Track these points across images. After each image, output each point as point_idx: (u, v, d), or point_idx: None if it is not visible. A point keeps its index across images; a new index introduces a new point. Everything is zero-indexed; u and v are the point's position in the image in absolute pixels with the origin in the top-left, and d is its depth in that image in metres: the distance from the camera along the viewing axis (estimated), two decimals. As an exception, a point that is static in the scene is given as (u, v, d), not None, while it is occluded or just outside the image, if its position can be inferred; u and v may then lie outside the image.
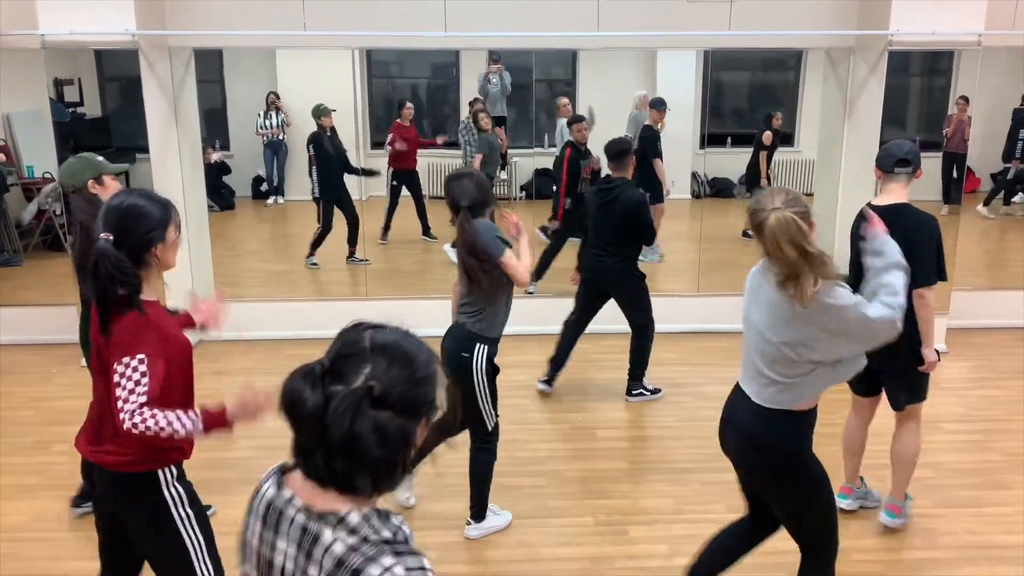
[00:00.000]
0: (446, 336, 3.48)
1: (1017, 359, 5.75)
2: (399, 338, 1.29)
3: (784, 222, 2.29)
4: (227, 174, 9.15)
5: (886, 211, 3.19)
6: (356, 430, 1.19)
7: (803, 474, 2.56)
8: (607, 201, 4.81)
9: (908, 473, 3.58)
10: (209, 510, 3.66)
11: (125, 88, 5.99)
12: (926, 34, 5.37)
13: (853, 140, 6.03)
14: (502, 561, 3.44)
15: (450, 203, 3.39)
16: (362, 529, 1.22)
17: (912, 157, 3.35)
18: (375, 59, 9.84)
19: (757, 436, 2.56)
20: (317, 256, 7.37)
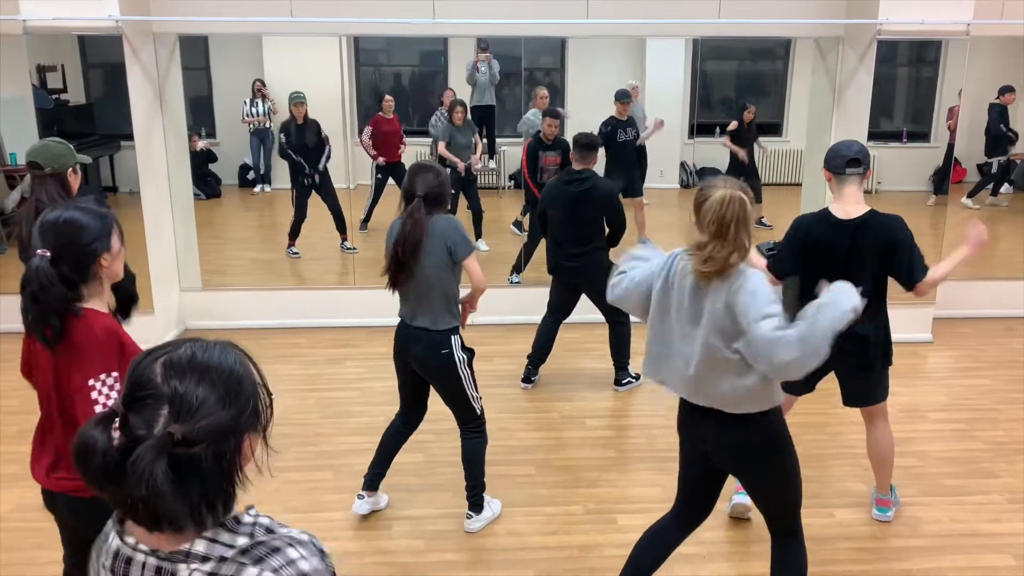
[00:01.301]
0: (408, 343, 3.39)
1: (1002, 349, 5.79)
2: (198, 354, 1.15)
3: (732, 198, 2.33)
4: (213, 162, 9.08)
5: (856, 227, 3.16)
6: (159, 482, 1.06)
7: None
8: (579, 193, 4.72)
9: (890, 467, 3.59)
10: None
11: (109, 75, 5.91)
12: (915, 23, 5.37)
13: (842, 130, 6.03)
14: (491, 549, 3.44)
15: (405, 192, 3.29)
16: (214, 552, 1.13)
17: (863, 156, 3.22)
18: (363, 47, 9.77)
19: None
20: (298, 245, 7.34)
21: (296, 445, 4.34)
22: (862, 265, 3.16)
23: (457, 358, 3.36)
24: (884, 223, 3.19)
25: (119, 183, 7.33)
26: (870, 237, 3.16)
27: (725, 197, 2.33)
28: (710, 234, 2.33)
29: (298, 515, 3.68)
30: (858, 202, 3.22)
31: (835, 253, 3.16)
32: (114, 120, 6.01)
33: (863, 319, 3.20)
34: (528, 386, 5.07)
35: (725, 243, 2.33)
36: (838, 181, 3.24)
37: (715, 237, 2.33)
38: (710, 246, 2.34)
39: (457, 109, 7.51)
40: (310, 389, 4.98)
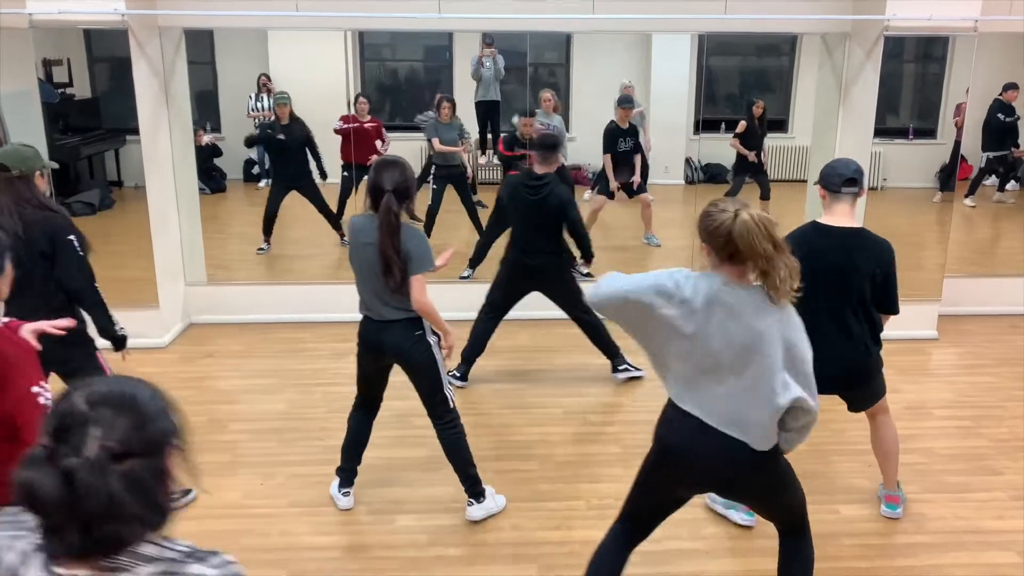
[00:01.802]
0: (381, 333, 3.40)
1: (1008, 346, 5.78)
2: (113, 386, 1.27)
3: (762, 216, 2.24)
4: (218, 156, 9.08)
5: (845, 234, 3.15)
6: (111, 492, 1.16)
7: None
8: (538, 199, 4.67)
9: (897, 461, 3.60)
10: (189, 495, 3.68)
11: (115, 69, 5.92)
12: (922, 19, 5.35)
13: (848, 126, 6.02)
14: (493, 544, 3.45)
15: (372, 187, 3.26)
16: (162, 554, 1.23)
17: (859, 176, 3.20)
18: (367, 41, 9.76)
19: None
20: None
21: (301, 440, 4.35)
22: (851, 276, 3.15)
23: (432, 343, 3.42)
24: (878, 241, 3.21)
25: (124, 177, 7.34)
26: (860, 250, 3.16)
27: (754, 217, 2.22)
28: (768, 254, 2.20)
29: (303, 509, 3.69)
30: (850, 220, 3.21)
31: (829, 260, 3.13)
32: (119, 114, 6.01)
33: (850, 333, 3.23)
34: (464, 384, 4.98)
35: (788, 255, 2.24)
36: (832, 198, 3.22)
37: (776, 252, 2.22)
38: (779, 266, 2.21)
39: (444, 105, 7.50)
40: (315, 384, 4.99)
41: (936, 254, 6.12)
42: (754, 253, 2.21)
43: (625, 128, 7.47)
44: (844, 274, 3.14)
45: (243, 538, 3.47)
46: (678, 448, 2.47)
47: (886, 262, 3.20)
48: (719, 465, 2.43)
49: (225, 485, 3.90)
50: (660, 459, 2.55)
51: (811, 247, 3.09)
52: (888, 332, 5.79)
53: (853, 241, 3.16)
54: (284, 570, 3.27)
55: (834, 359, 3.12)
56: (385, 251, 3.21)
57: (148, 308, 5.65)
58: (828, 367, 3.16)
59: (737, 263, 2.28)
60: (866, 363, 3.31)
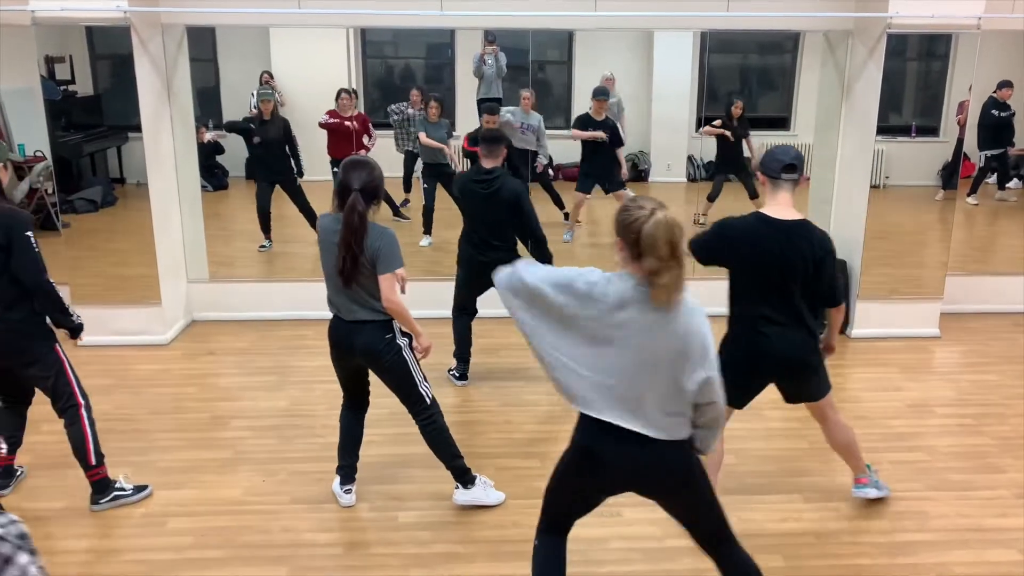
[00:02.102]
0: (351, 336, 3.41)
1: (1010, 344, 5.77)
2: None
3: (673, 219, 2.25)
4: (220, 154, 9.07)
5: (792, 228, 3.16)
6: None
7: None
8: (489, 193, 4.64)
9: (857, 451, 3.59)
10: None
11: (117, 66, 5.91)
12: (925, 17, 5.34)
13: (850, 124, 6.02)
14: (495, 541, 3.45)
15: (340, 187, 3.25)
16: None
17: (799, 163, 3.22)
18: (370, 39, 9.75)
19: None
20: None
21: (303, 436, 4.36)
22: (795, 268, 3.14)
23: (402, 343, 3.43)
24: (820, 234, 3.21)
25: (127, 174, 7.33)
26: (805, 242, 3.16)
27: (667, 218, 2.24)
28: (664, 257, 2.22)
29: (305, 505, 3.70)
30: (791, 208, 3.21)
31: (769, 253, 3.13)
32: (122, 111, 6.00)
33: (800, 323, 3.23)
34: (465, 383, 5.01)
35: (679, 266, 2.24)
36: (773, 186, 3.23)
37: (671, 258, 2.23)
38: (667, 273, 2.22)
39: (431, 105, 7.54)
40: (317, 381, 4.99)
41: (938, 252, 6.12)
42: (652, 252, 2.22)
43: (599, 120, 7.47)
44: (789, 264, 3.14)
45: (245, 535, 3.47)
46: (598, 452, 2.42)
47: (828, 252, 3.21)
48: (639, 466, 2.41)
49: (227, 482, 3.91)
50: (579, 464, 2.50)
51: (757, 237, 3.13)
52: (890, 330, 5.86)
53: (798, 232, 3.16)
54: (286, 567, 3.27)
55: (780, 347, 3.19)
56: (344, 247, 3.22)
57: (150, 305, 5.65)
58: (774, 354, 3.20)
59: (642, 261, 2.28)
60: (812, 351, 3.29)
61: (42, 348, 3.54)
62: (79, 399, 3.62)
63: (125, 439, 4.32)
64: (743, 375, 3.25)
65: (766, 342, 3.21)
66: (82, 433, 3.61)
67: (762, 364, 3.26)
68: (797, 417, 4.61)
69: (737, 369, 3.28)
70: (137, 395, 4.88)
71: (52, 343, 3.58)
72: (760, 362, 3.25)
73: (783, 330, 3.20)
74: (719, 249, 3.24)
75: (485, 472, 3.84)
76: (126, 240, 5.85)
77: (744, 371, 3.25)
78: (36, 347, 3.53)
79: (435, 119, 7.51)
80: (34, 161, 7.39)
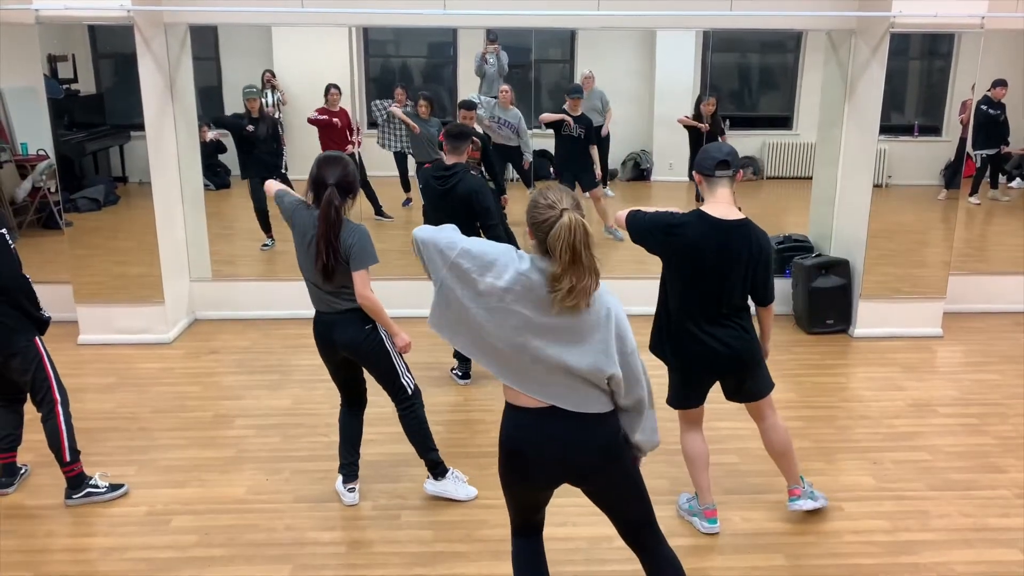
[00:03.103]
0: (332, 330, 3.44)
1: (1013, 343, 5.77)
2: None
3: (578, 224, 2.17)
4: (222, 152, 9.05)
5: (732, 225, 3.13)
6: None
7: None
8: (446, 189, 4.59)
9: (793, 457, 3.53)
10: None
11: (119, 65, 5.91)
12: (928, 16, 5.34)
13: (853, 123, 6.02)
14: (498, 540, 3.45)
15: (314, 182, 3.28)
16: None
17: (732, 159, 3.18)
18: (372, 38, 9.74)
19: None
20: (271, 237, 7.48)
21: (306, 435, 4.36)
22: (733, 267, 3.14)
23: (381, 333, 3.47)
24: (760, 233, 3.20)
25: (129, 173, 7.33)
26: (744, 242, 3.15)
27: (571, 223, 2.16)
28: (565, 263, 2.17)
29: (308, 504, 3.70)
30: (731, 205, 3.18)
31: (707, 252, 3.12)
32: (124, 110, 6.01)
33: (738, 320, 3.23)
34: (467, 381, 5.02)
35: (583, 270, 2.18)
36: (708, 184, 3.21)
37: (572, 264, 2.17)
38: (567, 278, 2.17)
39: (421, 103, 7.57)
40: (319, 379, 4.98)
41: (941, 252, 6.11)
42: (555, 254, 2.18)
43: (574, 116, 7.50)
44: (728, 265, 3.14)
45: (248, 533, 3.48)
46: (524, 445, 2.39)
47: (767, 253, 3.21)
48: (569, 451, 2.35)
49: (230, 480, 3.91)
50: (509, 464, 2.46)
51: (700, 236, 3.12)
52: (892, 330, 5.86)
53: (740, 232, 3.15)
54: (289, 565, 3.28)
55: (721, 344, 3.20)
56: (324, 242, 3.24)
57: (153, 304, 5.66)
58: (717, 352, 3.21)
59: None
60: (752, 348, 3.29)
61: (22, 340, 3.59)
62: (56, 395, 3.65)
63: (128, 437, 4.33)
64: (693, 374, 3.30)
65: (709, 340, 3.21)
66: (57, 429, 3.64)
67: (707, 362, 3.26)
68: (801, 416, 4.62)
69: (686, 370, 3.32)
70: (140, 393, 4.89)
71: (32, 336, 3.63)
72: (705, 360, 3.25)
73: (723, 328, 3.20)
74: (654, 236, 3.21)
75: (487, 471, 3.85)
76: (129, 239, 5.86)
77: (693, 370, 3.30)
78: (17, 340, 3.57)
79: (426, 116, 7.54)
80: (37, 160, 7.40)
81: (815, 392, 4.99)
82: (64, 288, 5.60)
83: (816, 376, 5.23)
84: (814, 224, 6.59)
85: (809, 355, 5.57)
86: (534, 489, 2.54)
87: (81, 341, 5.63)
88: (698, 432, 3.49)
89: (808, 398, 4.90)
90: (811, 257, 6.07)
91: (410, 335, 3.57)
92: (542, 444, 2.35)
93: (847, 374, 5.33)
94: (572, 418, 2.31)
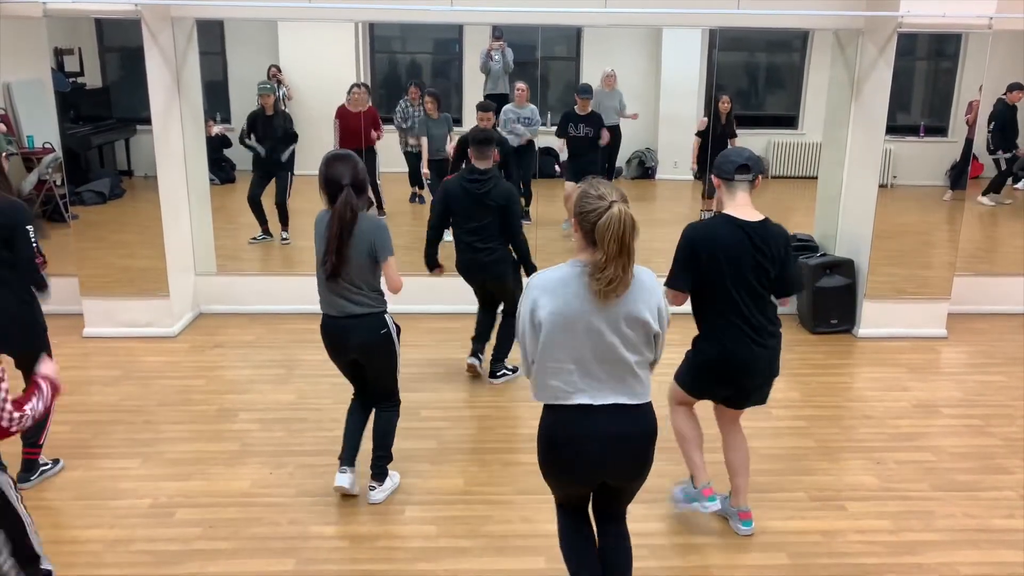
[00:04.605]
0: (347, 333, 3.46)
1: (1017, 345, 5.76)
2: None
3: (627, 215, 2.27)
4: (228, 147, 9.08)
5: (755, 227, 3.12)
6: None
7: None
8: (482, 194, 4.62)
9: (747, 474, 3.51)
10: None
11: (126, 58, 5.92)
12: (936, 16, 5.32)
13: (859, 123, 6.00)
14: (502, 536, 3.46)
15: (327, 182, 3.28)
16: None
17: (752, 163, 3.18)
18: (378, 34, 9.75)
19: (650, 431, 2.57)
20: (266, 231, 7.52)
21: (310, 430, 4.37)
22: (763, 267, 3.13)
23: (394, 335, 3.54)
24: (782, 231, 3.20)
25: (135, 167, 7.34)
26: (771, 241, 3.15)
27: (621, 214, 2.26)
28: (612, 253, 2.27)
29: (312, 498, 3.71)
30: (751, 208, 3.19)
31: (741, 254, 3.10)
32: (130, 104, 6.02)
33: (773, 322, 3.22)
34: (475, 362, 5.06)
35: (627, 261, 2.30)
36: (728, 187, 3.20)
37: (618, 256, 2.28)
38: (612, 266, 2.28)
39: (428, 100, 7.54)
40: (324, 374, 4.99)
41: (946, 253, 6.10)
42: (602, 244, 2.28)
43: (582, 115, 7.52)
44: (757, 266, 3.13)
45: (252, 527, 3.48)
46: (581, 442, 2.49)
47: (788, 242, 3.22)
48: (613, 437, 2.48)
49: (234, 474, 3.92)
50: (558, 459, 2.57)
51: (724, 240, 3.11)
52: (897, 330, 5.85)
53: (762, 232, 3.14)
54: (293, 558, 3.28)
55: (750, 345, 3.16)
56: (336, 240, 3.26)
57: (158, 297, 5.67)
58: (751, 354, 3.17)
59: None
60: (779, 350, 3.28)
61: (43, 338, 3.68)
62: None
63: (133, 430, 4.34)
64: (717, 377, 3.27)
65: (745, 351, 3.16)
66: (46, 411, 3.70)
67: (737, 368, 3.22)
68: (804, 416, 4.62)
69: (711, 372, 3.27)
70: (145, 387, 4.90)
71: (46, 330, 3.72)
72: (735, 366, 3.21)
73: (751, 328, 3.16)
74: (685, 267, 3.17)
75: (492, 467, 3.86)
76: (134, 232, 5.87)
77: (718, 374, 3.25)
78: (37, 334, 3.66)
79: (434, 115, 7.53)
80: (43, 153, 7.40)
81: (819, 392, 4.99)
82: (70, 281, 5.60)
83: (820, 376, 5.22)
84: (819, 224, 6.58)
85: (813, 355, 5.57)
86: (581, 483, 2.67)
87: (86, 334, 5.64)
88: (693, 411, 3.48)
89: (812, 398, 4.90)
90: (816, 257, 6.06)
91: (417, 332, 3.59)
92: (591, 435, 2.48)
93: (851, 374, 5.33)
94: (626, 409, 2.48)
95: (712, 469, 3.54)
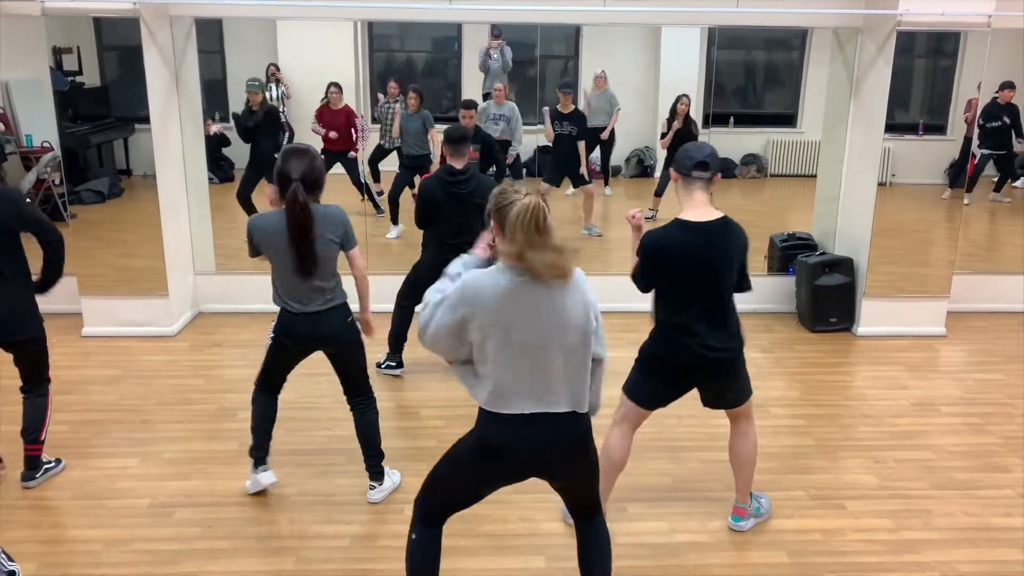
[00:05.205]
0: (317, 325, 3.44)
1: (1016, 343, 5.76)
2: None
3: (534, 207, 2.26)
4: (227, 146, 9.08)
5: (712, 228, 3.07)
6: None
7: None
8: (465, 194, 4.56)
9: (753, 473, 3.48)
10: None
11: (124, 57, 5.92)
12: (935, 15, 5.32)
13: (858, 122, 6.00)
14: (501, 535, 3.46)
15: (278, 177, 3.22)
16: None
17: (712, 160, 3.12)
18: (376, 32, 9.75)
19: (585, 440, 2.55)
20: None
21: (309, 429, 4.37)
22: (723, 267, 3.10)
23: (358, 324, 3.57)
24: (739, 229, 3.15)
25: (133, 166, 7.34)
26: (728, 240, 3.11)
27: (532, 202, 2.27)
28: (529, 240, 2.25)
29: (311, 498, 3.71)
30: (708, 207, 3.13)
31: (693, 257, 3.06)
32: (129, 103, 6.02)
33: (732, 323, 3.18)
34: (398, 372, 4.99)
35: (552, 240, 2.28)
36: (685, 183, 3.13)
37: (539, 237, 2.26)
38: (534, 252, 2.25)
39: (411, 95, 7.57)
40: (321, 374, 4.96)
41: (945, 251, 6.11)
42: (510, 234, 2.27)
43: (565, 113, 7.51)
44: (716, 267, 3.09)
45: (251, 526, 3.48)
46: (504, 445, 2.48)
47: (744, 247, 3.18)
48: (546, 445, 2.47)
49: (233, 473, 3.92)
50: (482, 459, 2.58)
51: (681, 246, 3.06)
52: (896, 328, 5.86)
53: (721, 232, 3.10)
54: (292, 558, 3.28)
55: (708, 349, 3.10)
56: (299, 239, 3.22)
57: (157, 296, 5.66)
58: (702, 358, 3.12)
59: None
60: (739, 353, 3.22)
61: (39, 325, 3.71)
62: (49, 375, 3.79)
63: (132, 430, 4.34)
64: (667, 379, 3.22)
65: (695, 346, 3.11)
66: (45, 405, 3.76)
67: (689, 369, 3.17)
68: (803, 414, 4.63)
69: (662, 372, 3.23)
70: (144, 386, 4.90)
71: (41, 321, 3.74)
72: (687, 367, 3.17)
73: (710, 333, 3.10)
74: (651, 268, 3.14)
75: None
76: (133, 231, 5.86)
77: (668, 375, 3.21)
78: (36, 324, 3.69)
79: (414, 109, 7.55)
80: (41, 152, 7.40)
81: (818, 390, 4.99)
82: (68, 280, 5.58)
83: (819, 374, 5.23)
84: (818, 222, 6.59)
85: (812, 353, 5.57)
86: (495, 482, 2.70)
87: (85, 333, 5.63)
88: (631, 433, 3.39)
89: (811, 396, 4.90)
90: (815, 255, 6.07)
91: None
92: (526, 440, 2.46)
93: (850, 372, 5.33)
94: (558, 418, 2.43)
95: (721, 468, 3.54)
